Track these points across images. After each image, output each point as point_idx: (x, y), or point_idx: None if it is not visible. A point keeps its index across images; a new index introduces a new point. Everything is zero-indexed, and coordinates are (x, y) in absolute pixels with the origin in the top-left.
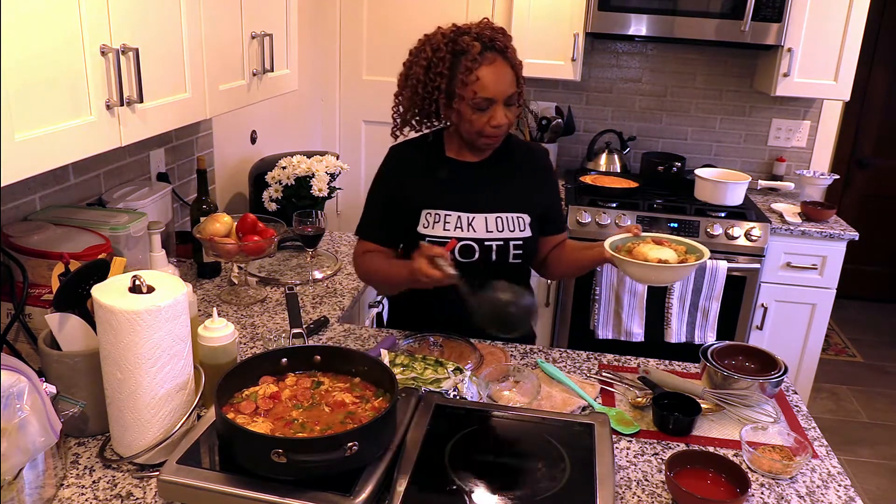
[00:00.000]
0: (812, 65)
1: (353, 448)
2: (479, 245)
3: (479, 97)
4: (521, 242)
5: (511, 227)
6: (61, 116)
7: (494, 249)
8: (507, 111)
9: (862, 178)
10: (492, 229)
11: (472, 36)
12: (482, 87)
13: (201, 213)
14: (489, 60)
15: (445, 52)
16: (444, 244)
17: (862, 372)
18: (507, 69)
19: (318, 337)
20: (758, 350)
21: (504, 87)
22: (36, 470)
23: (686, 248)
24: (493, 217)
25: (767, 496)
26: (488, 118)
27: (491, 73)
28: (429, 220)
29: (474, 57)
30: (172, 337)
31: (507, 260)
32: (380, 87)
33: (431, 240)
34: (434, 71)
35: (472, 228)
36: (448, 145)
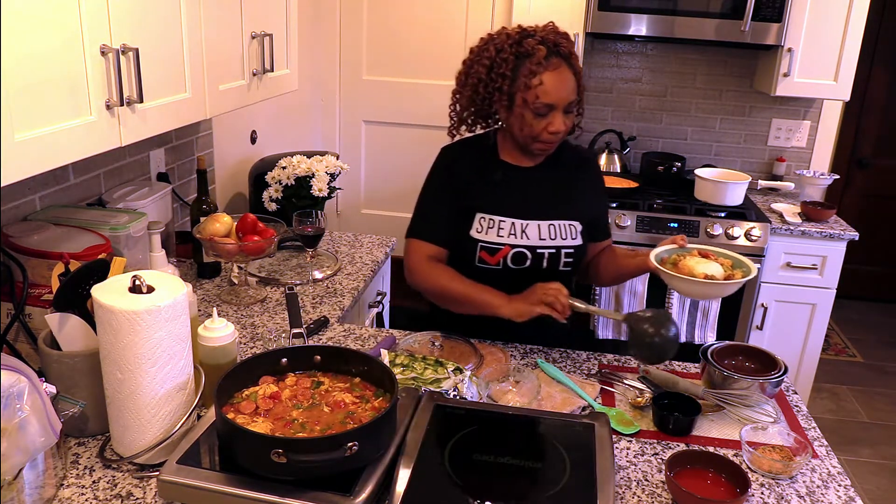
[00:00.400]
0: (812, 65)
1: (353, 448)
2: (531, 252)
3: (540, 102)
4: (572, 250)
5: (563, 234)
6: (61, 116)
7: (546, 257)
8: (565, 118)
9: (862, 178)
10: (545, 237)
11: (538, 39)
12: (544, 93)
13: (201, 213)
14: (553, 66)
15: (509, 54)
16: (498, 250)
17: (862, 372)
18: (569, 76)
19: (318, 337)
20: (758, 350)
21: (566, 93)
22: (36, 470)
23: (732, 262)
24: (545, 224)
25: (767, 496)
26: (546, 124)
27: (554, 79)
28: (482, 225)
29: (539, 61)
30: (172, 337)
31: (558, 268)
32: (380, 87)
33: (484, 245)
34: (496, 71)
35: (526, 235)
36: (502, 148)
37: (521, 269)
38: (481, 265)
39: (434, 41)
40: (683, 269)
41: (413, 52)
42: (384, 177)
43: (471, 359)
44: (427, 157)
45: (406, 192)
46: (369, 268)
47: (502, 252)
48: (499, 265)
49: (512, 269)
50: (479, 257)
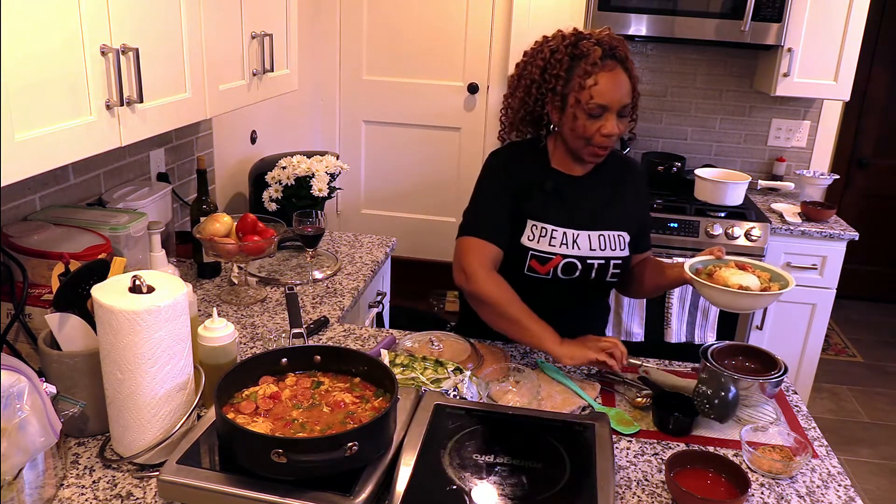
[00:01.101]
0: (812, 65)
1: (353, 448)
2: (581, 263)
3: (594, 103)
4: (620, 261)
5: (613, 245)
6: (61, 116)
7: (595, 268)
8: (619, 122)
9: (862, 178)
10: (595, 247)
11: (593, 42)
12: (598, 93)
13: (201, 213)
14: (609, 67)
15: (564, 55)
16: (549, 259)
17: (862, 372)
18: (624, 79)
19: (318, 337)
20: (758, 350)
21: (620, 96)
22: (36, 470)
23: (770, 274)
24: (595, 235)
25: (767, 496)
26: (600, 126)
27: (609, 81)
28: (534, 233)
29: (595, 61)
30: (172, 337)
31: (605, 278)
32: (380, 87)
33: (535, 254)
34: (550, 72)
35: (577, 246)
36: (553, 155)
37: (571, 278)
38: (531, 273)
39: (434, 41)
40: (719, 280)
41: (413, 52)
42: (384, 177)
43: (471, 359)
44: (428, 157)
45: (406, 193)
46: (369, 268)
47: (553, 262)
48: (548, 275)
49: (561, 279)
50: (528, 265)
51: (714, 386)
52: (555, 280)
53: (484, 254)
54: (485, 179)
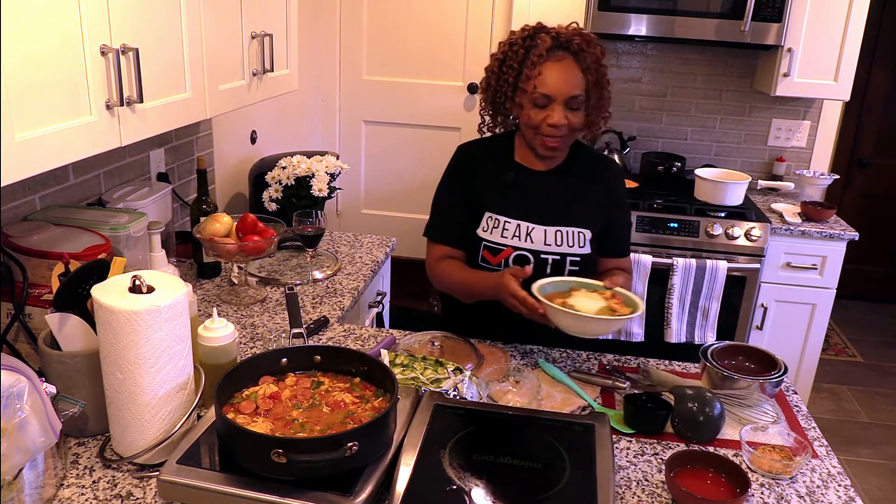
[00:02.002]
0: (812, 65)
1: (353, 448)
2: (534, 257)
3: (538, 92)
4: (578, 258)
5: (570, 242)
6: (61, 116)
7: (550, 263)
8: (568, 113)
9: (862, 178)
10: (550, 242)
11: (551, 34)
12: (542, 83)
13: (201, 213)
14: (557, 58)
15: (520, 47)
16: (500, 251)
17: (862, 372)
18: (574, 70)
19: (318, 337)
20: (758, 350)
21: (566, 87)
22: (36, 470)
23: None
24: (552, 230)
25: (767, 496)
26: (546, 116)
27: (555, 71)
28: (489, 224)
29: (541, 52)
30: (172, 337)
31: (563, 275)
32: (380, 87)
33: (487, 244)
34: (507, 64)
35: (530, 239)
36: (517, 149)
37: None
38: (484, 264)
39: (434, 41)
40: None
41: (413, 52)
42: (384, 177)
43: (471, 359)
44: (427, 157)
45: (406, 193)
46: (369, 268)
47: (504, 253)
48: (500, 266)
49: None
50: (482, 256)
51: (699, 401)
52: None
53: (435, 256)
54: (443, 179)
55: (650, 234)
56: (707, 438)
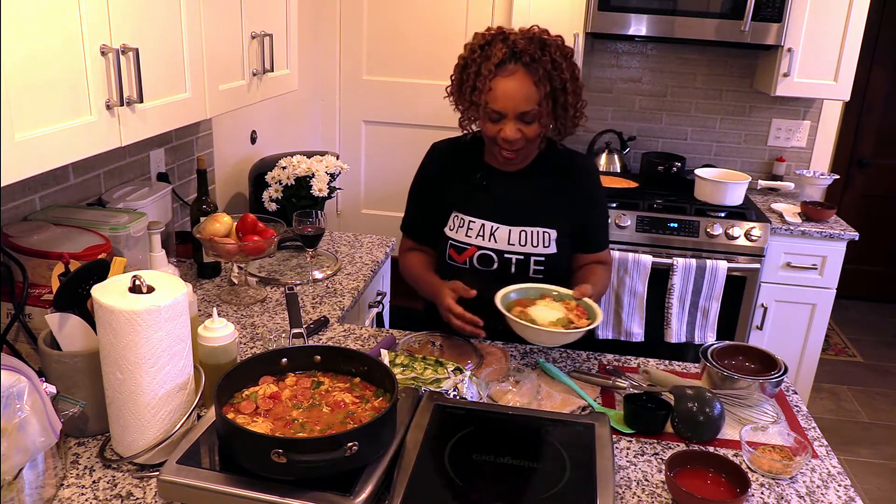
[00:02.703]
0: (812, 65)
1: (353, 448)
2: (497, 256)
3: (490, 108)
4: (542, 258)
5: (535, 242)
6: (61, 116)
7: (514, 263)
8: (522, 126)
9: (862, 178)
10: (514, 242)
11: (508, 43)
12: (493, 99)
13: (201, 213)
14: (508, 72)
15: (478, 55)
16: (464, 249)
17: (862, 372)
18: (526, 84)
19: (318, 337)
20: (758, 350)
21: (516, 102)
22: (36, 470)
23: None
24: (517, 230)
25: (767, 496)
26: (499, 129)
27: (504, 86)
28: (455, 223)
29: (491, 67)
30: (172, 337)
31: (528, 274)
32: (380, 87)
33: (453, 243)
34: (466, 71)
35: (494, 239)
36: (487, 151)
37: (489, 270)
38: (450, 262)
39: (434, 41)
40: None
41: (413, 52)
42: (384, 177)
43: (471, 359)
44: None
45: (406, 193)
46: (369, 268)
47: (468, 252)
48: (465, 264)
49: (479, 270)
50: (448, 254)
51: (699, 401)
52: (473, 270)
53: (403, 247)
54: (417, 173)
55: (650, 234)
56: (707, 438)
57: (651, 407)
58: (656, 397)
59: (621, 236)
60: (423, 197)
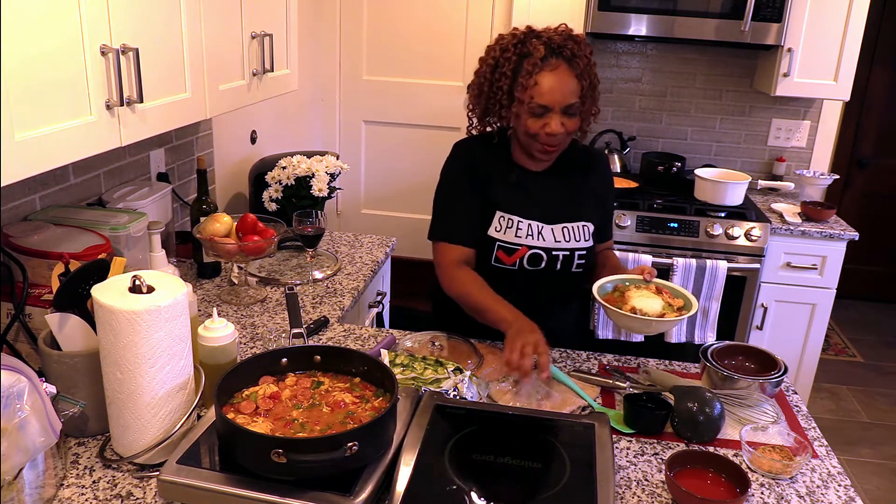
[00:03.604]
0: (812, 65)
1: (353, 448)
2: (547, 254)
3: (535, 103)
4: (584, 252)
5: (577, 236)
6: (61, 116)
7: (561, 259)
8: (565, 120)
9: (862, 178)
10: (559, 239)
11: (543, 40)
12: (539, 93)
13: (201, 213)
14: (551, 66)
15: (512, 53)
16: (515, 251)
17: (862, 372)
18: (569, 78)
19: (318, 337)
20: (758, 350)
21: (562, 95)
22: (36, 470)
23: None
24: (559, 227)
25: (767, 496)
26: (543, 125)
27: (550, 80)
28: (501, 224)
29: (536, 61)
30: (172, 337)
31: (571, 269)
32: (380, 87)
33: (502, 245)
34: (499, 71)
35: (542, 237)
36: (516, 150)
37: (535, 269)
38: (497, 264)
39: (434, 41)
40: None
41: (413, 52)
42: (384, 177)
43: (471, 359)
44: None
45: (406, 193)
46: (369, 268)
47: (519, 253)
48: (514, 265)
49: (527, 270)
50: (495, 256)
51: (699, 401)
52: (521, 271)
53: (451, 257)
54: (445, 175)
55: (650, 234)
56: (707, 438)
57: (651, 407)
58: (656, 397)
59: (621, 236)
60: (465, 195)
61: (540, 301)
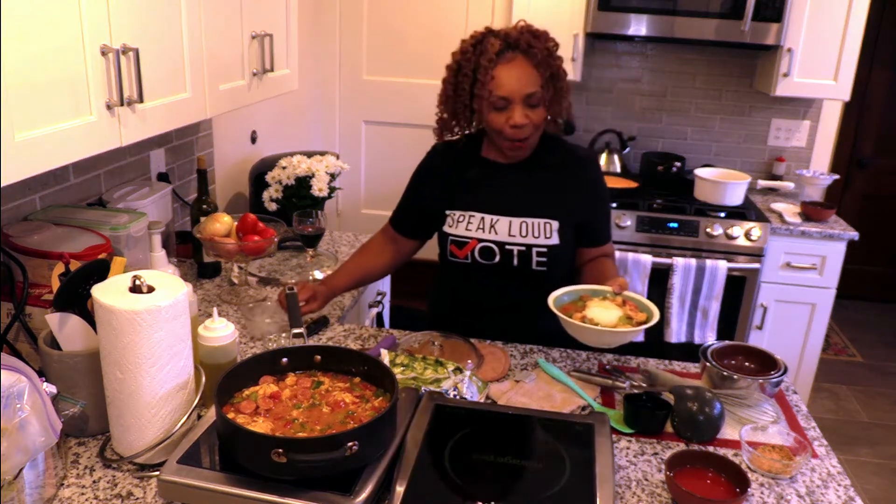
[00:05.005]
0: (812, 65)
1: (353, 448)
2: (499, 248)
3: (495, 96)
4: (545, 250)
5: (536, 233)
6: (61, 116)
7: (516, 254)
8: (528, 111)
9: (862, 178)
10: (514, 233)
11: (500, 36)
12: (497, 86)
13: (201, 213)
14: (507, 59)
15: (471, 54)
16: (465, 244)
17: (862, 372)
18: (527, 67)
19: (318, 337)
20: (757, 350)
21: (520, 85)
22: (36, 470)
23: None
24: (517, 221)
25: (767, 496)
26: (507, 117)
27: (507, 71)
28: (452, 220)
29: (491, 56)
30: (172, 337)
31: (531, 266)
32: (380, 87)
33: (453, 238)
34: (461, 73)
35: (494, 231)
36: (486, 146)
37: (490, 264)
38: (452, 259)
39: (434, 41)
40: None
41: (413, 52)
42: (384, 177)
43: (471, 359)
44: None
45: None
46: None
47: (469, 246)
48: (467, 259)
49: (481, 264)
50: (449, 251)
51: (699, 401)
52: (476, 265)
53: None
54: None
55: (650, 234)
56: (707, 438)
57: (651, 407)
58: (656, 397)
59: (621, 236)
60: (411, 195)
61: (514, 302)
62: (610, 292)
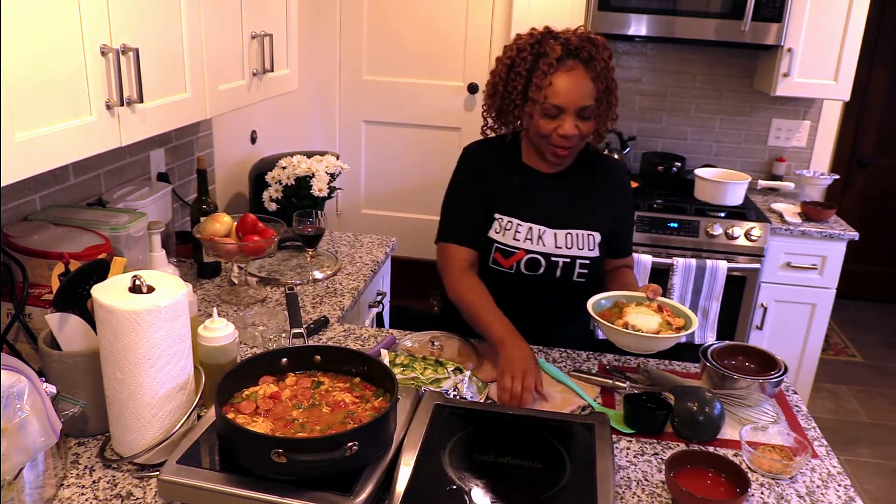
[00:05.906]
0: (812, 65)
1: (353, 448)
2: (545, 260)
3: (549, 103)
4: (587, 261)
5: (580, 244)
6: (61, 116)
7: (560, 266)
8: (579, 122)
9: (862, 178)
10: (560, 245)
11: (560, 41)
12: (553, 94)
13: (201, 213)
14: (567, 67)
15: (528, 53)
16: (512, 254)
17: (862, 372)
18: (585, 79)
19: (318, 337)
20: (758, 350)
21: (577, 97)
22: (36, 470)
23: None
24: (563, 233)
25: (767, 496)
26: (557, 126)
27: (566, 81)
28: (500, 226)
29: (552, 61)
30: (172, 337)
31: (572, 278)
32: (380, 87)
33: (499, 247)
34: (515, 70)
35: (542, 242)
36: (525, 151)
37: (533, 275)
38: (495, 266)
39: (434, 41)
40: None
41: (413, 52)
42: (384, 177)
43: (471, 359)
44: (427, 157)
45: (406, 193)
46: (369, 268)
47: (516, 256)
48: (512, 269)
49: (525, 275)
50: (493, 258)
51: (699, 401)
52: (519, 275)
53: (457, 258)
54: (453, 180)
55: (650, 234)
56: (707, 438)
57: (651, 407)
58: (656, 397)
59: None
60: (469, 201)
61: (543, 309)
62: (644, 298)
